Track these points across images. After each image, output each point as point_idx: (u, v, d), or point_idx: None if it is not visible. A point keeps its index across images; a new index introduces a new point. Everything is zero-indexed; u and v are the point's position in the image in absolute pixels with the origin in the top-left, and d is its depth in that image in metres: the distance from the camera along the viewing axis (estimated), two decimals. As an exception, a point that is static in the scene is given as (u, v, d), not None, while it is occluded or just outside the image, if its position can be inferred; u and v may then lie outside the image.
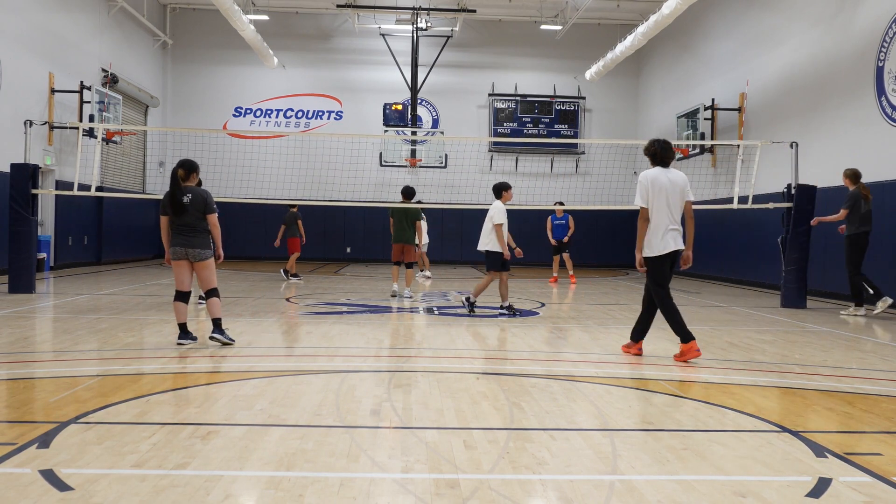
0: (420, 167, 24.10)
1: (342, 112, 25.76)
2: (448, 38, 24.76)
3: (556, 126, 25.53)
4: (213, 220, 7.41)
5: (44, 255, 16.48)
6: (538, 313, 11.00)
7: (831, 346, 8.25)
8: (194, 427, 4.40)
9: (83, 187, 14.22)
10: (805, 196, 12.41)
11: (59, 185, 17.56)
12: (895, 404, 5.47)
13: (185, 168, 7.45)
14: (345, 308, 11.39)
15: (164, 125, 24.63)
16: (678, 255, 7.11)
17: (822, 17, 14.96)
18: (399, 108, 22.32)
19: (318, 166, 21.26)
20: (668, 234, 6.97)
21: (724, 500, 3.38)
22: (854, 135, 13.58)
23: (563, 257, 17.02)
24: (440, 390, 5.54)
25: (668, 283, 7.14)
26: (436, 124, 25.99)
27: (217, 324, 7.36)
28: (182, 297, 7.44)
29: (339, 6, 22.86)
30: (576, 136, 25.45)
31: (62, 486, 3.35)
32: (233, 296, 12.42)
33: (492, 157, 25.62)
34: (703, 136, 19.57)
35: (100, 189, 14.35)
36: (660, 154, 7.14)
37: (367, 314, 10.65)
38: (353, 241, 25.35)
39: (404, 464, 3.81)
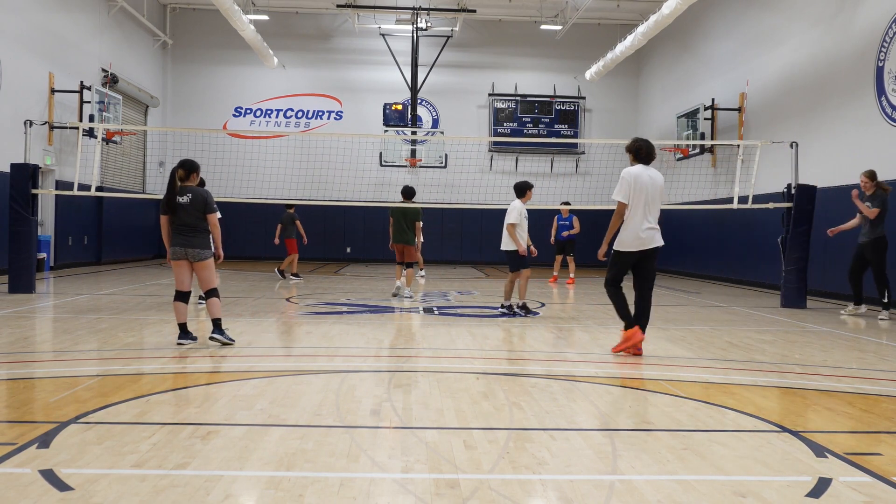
0: (420, 167, 24.10)
1: (342, 112, 25.76)
2: (448, 38, 24.76)
3: (556, 126, 25.52)
4: (212, 220, 7.41)
5: (44, 255, 16.49)
6: (538, 313, 11.00)
7: (831, 346, 8.25)
8: (194, 427, 4.40)
9: (83, 187, 14.22)
10: (805, 196, 12.41)
11: (59, 185, 17.56)
12: (895, 404, 5.47)
13: (186, 168, 7.45)
14: (345, 308, 11.38)
15: (164, 125, 24.63)
16: (656, 253, 7.22)
17: (822, 17, 14.96)
18: (399, 108, 22.32)
19: (318, 166, 21.25)
20: (644, 232, 7.09)
21: (724, 500, 3.38)
22: (854, 135, 13.58)
23: (566, 259, 17.02)
24: (440, 390, 5.54)
25: (623, 274, 7.34)
26: (436, 124, 25.99)
27: (217, 324, 7.36)
28: (182, 297, 7.44)
29: (339, 6, 22.86)
30: (576, 136, 25.44)
31: (62, 486, 3.35)
32: (233, 296, 12.42)
33: (492, 157, 25.62)
34: (703, 136, 19.57)
35: (100, 189, 14.35)
36: (644, 151, 7.24)
37: (367, 314, 10.65)
38: (353, 241, 25.35)
39: (404, 464, 3.81)
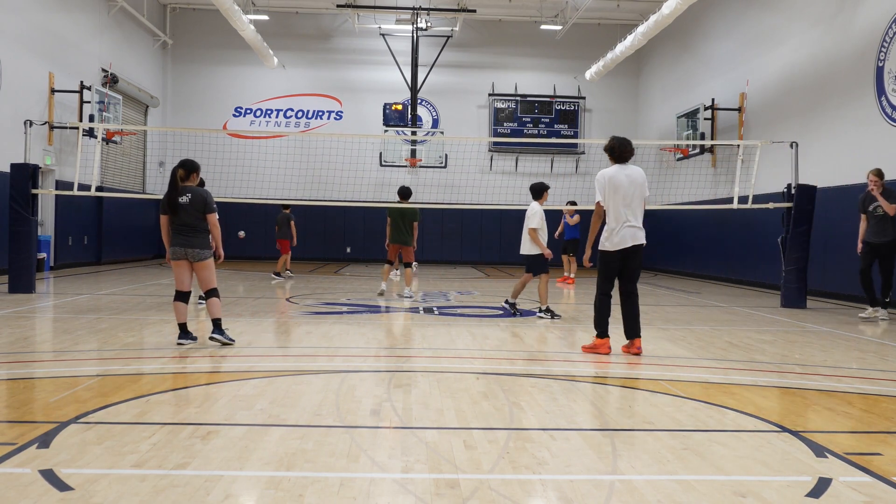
0: (420, 167, 24.10)
1: (342, 112, 25.76)
2: (448, 38, 24.76)
3: (556, 126, 25.53)
4: (212, 219, 7.40)
5: (44, 255, 16.49)
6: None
7: (831, 346, 8.25)
8: (194, 427, 4.40)
9: (83, 187, 14.22)
10: (805, 196, 12.41)
11: (59, 185, 17.56)
12: (895, 404, 5.47)
13: (186, 168, 7.45)
14: (345, 308, 11.38)
15: (164, 125, 24.63)
16: (640, 251, 7.26)
17: (822, 17, 14.96)
18: (399, 108, 22.32)
19: (318, 166, 21.26)
20: (625, 230, 7.16)
21: (724, 500, 3.38)
22: (854, 135, 13.58)
23: (569, 259, 17.03)
24: (440, 390, 5.54)
25: (614, 278, 7.35)
26: (436, 124, 25.99)
27: (217, 324, 7.36)
28: (182, 297, 7.43)
29: (339, 6, 22.86)
30: (576, 136, 25.44)
31: (62, 486, 3.35)
32: (233, 296, 12.42)
33: (492, 157, 25.62)
34: (703, 136, 19.56)
35: (100, 189, 14.35)
36: (618, 150, 7.33)
37: (367, 314, 10.64)
38: (353, 241, 25.35)
39: (404, 464, 3.81)
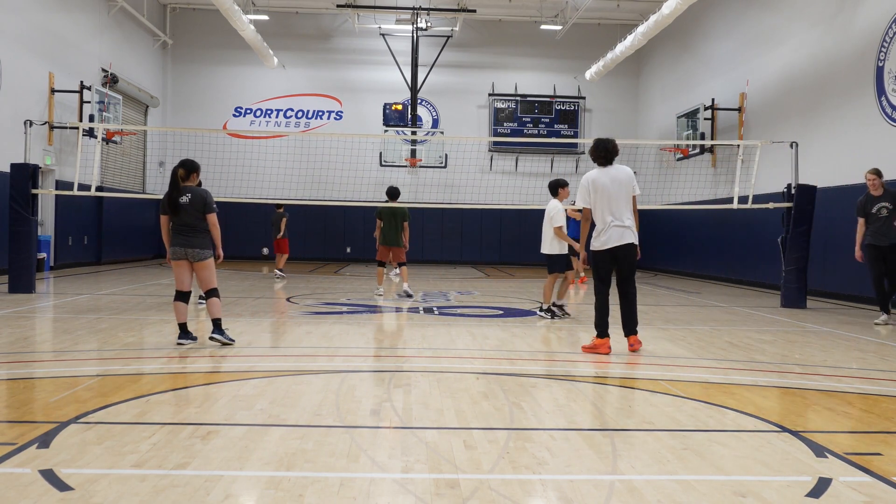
0: (420, 167, 24.10)
1: (342, 112, 25.76)
2: (448, 38, 24.76)
3: (556, 126, 25.53)
4: (212, 219, 7.40)
5: (44, 255, 16.49)
6: (537, 314, 10.98)
7: (831, 346, 8.25)
8: (194, 427, 4.40)
9: (83, 187, 14.22)
10: (805, 196, 12.41)
11: (59, 185, 17.56)
12: (895, 404, 5.47)
13: (186, 168, 7.45)
14: (345, 308, 11.38)
15: (164, 125, 24.62)
16: (631, 251, 7.32)
17: (822, 17, 14.96)
18: (399, 108, 22.32)
19: (318, 166, 21.27)
20: (611, 230, 7.26)
21: (724, 500, 3.38)
22: (854, 135, 13.58)
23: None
24: (440, 390, 5.54)
25: (609, 278, 7.44)
26: (436, 124, 25.99)
27: (217, 324, 7.36)
28: (182, 297, 7.44)
29: (339, 6, 22.86)
30: (576, 136, 25.44)
31: (62, 486, 3.35)
32: (233, 296, 12.42)
33: (492, 157, 25.63)
34: (703, 136, 19.56)
35: (100, 189, 14.35)
36: (596, 153, 7.40)
37: (367, 314, 10.65)
38: (353, 241, 25.34)
39: (404, 464, 3.81)
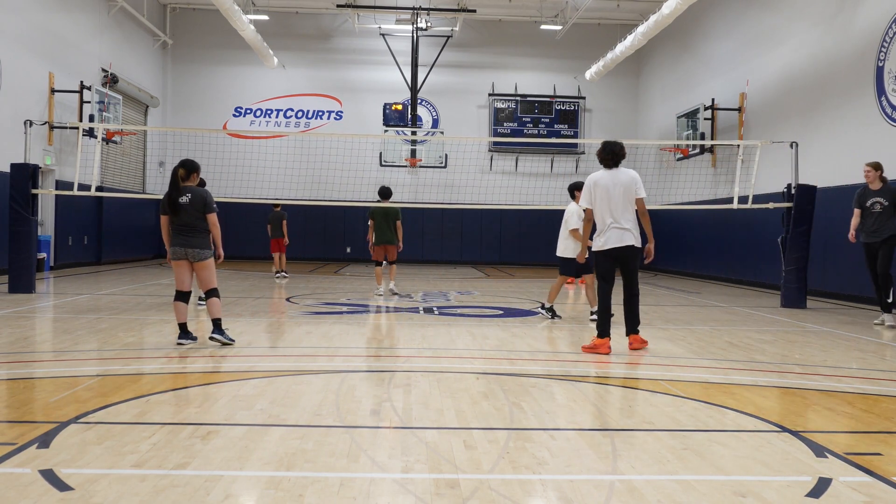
0: (420, 167, 24.10)
1: (342, 112, 25.76)
2: (448, 38, 24.76)
3: (556, 126, 25.52)
4: (212, 219, 7.40)
5: (44, 255, 16.49)
6: (538, 313, 10.99)
7: (831, 346, 8.25)
8: (194, 427, 4.40)
9: (83, 187, 14.22)
10: (805, 196, 12.41)
11: (59, 185, 17.56)
12: (895, 404, 5.47)
13: (186, 168, 7.45)
14: (345, 308, 11.38)
15: (164, 125, 24.63)
16: (631, 253, 7.39)
17: (822, 17, 14.96)
18: (399, 108, 22.32)
19: (318, 166, 21.26)
20: (610, 231, 7.35)
21: (724, 500, 3.38)
22: (854, 135, 13.58)
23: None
24: (440, 390, 5.54)
25: (610, 278, 7.51)
26: (436, 124, 25.99)
27: (217, 324, 7.36)
28: (182, 296, 7.44)
29: (339, 6, 22.86)
30: (576, 136, 25.44)
31: (62, 486, 3.35)
32: (233, 296, 12.42)
33: (492, 157, 25.63)
34: (703, 136, 19.56)
35: (100, 189, 14.35)
36: (601, 156, 7.55)
37: (366, 314, 10.65)
38: (353, 241, 25.33)
39: (404, 464, 3.81)
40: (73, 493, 3.28)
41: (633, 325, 7.57)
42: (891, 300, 10.05)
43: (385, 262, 13.28)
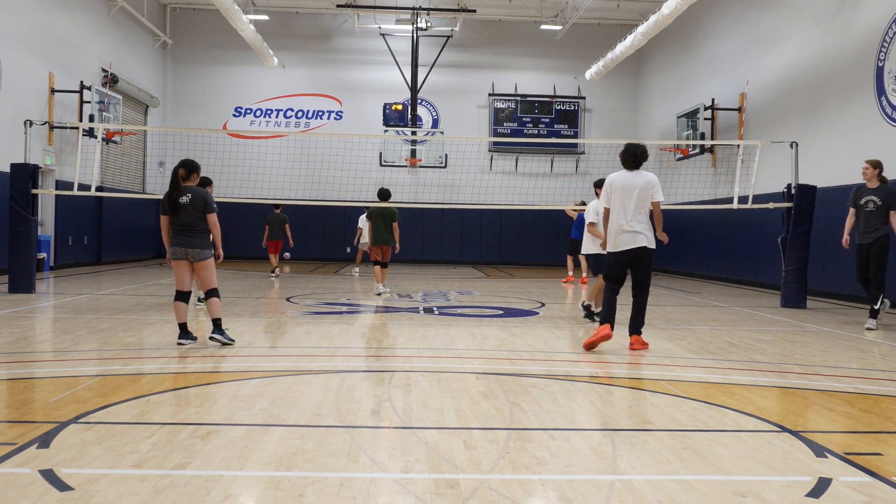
0: (420, 167, 24.10)
1: (342, 112, 25.76)
2: (448, 38, 24.76)
3: (556, 126, 25.52)
4: (212, 219, 7.40)
5: (44, 255, 16.48)
6: (538, 313, 11.00)
7: (831, 346, 8.25)
8: (194, 427, 4.40)
9: (83, 187, 14.22)
10: (805, 196, 12.42)
11: (59, 185, 17.56)
12: (895, 404, 5.47)
13: (187, 168, 7.45)
14: (345, 308, 11.39)
15: (164, 125, 24.62)
16: (644, 254, 7.43)
17: (822, 17, 14.96)
18: (399, 108, 22.31)
19: (318, 166, 21.26)
20: (623, 234, 7.46)
21: (724, 500, 3.38)
22: (854, 135, 13.58)
23: (578, 258, 17.01)
24: (440, 390, 5.54)
25: (619, 280, 7.60)
26: (436, 124, 25.99)
27: (217, 324, 7.36)
28: (182, 296, 7.44)
29: (339, 6, 22.86)
30: (576, 136, 25.44)
31: (62, 486, 3.35)
32: (233, 296, 12.42)
33: (492, 157, 25.62)
34: (703, 136, 19.56)
35: (100, 189, 14.35)
36: (623, 157, 7.64)
37: (366, 314, 10.65)
38: (353, 241, 25.32)
39: (404, 464, 3.81)
40: (73, 493, 3.28)
41: (636, 324, 7.59)
42: (878, 307, 9.67)
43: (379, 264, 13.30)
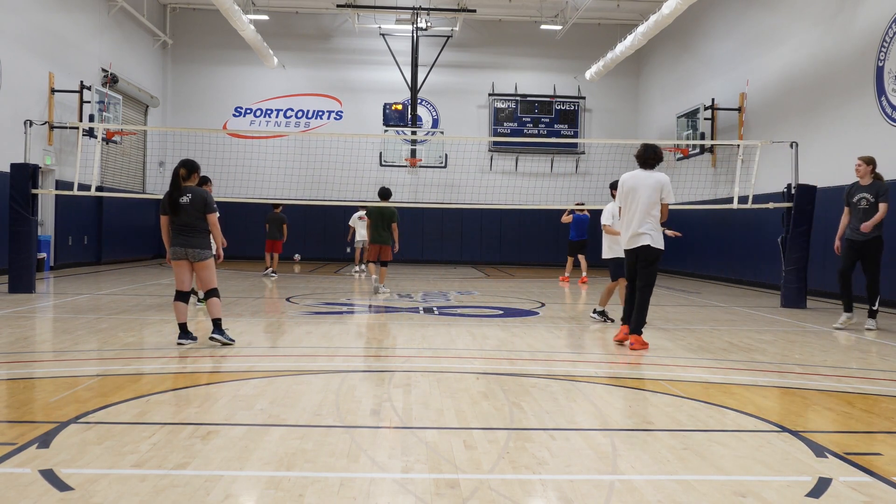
0: (420, 167, 24.09)
1: (342, 112, 25.76)
2: (448, 38, 24.75)
3: (556, 126, 25.52)
4: (213, 220, 7.41)
5: (44, 255, 16.48)
6: (538, 313, 11.00)
7: (831, 346, 8.25)
8: (194, 427, 4.40)
9: (83, 187, 14.22)
10: (805, 196, 12.42)
11: (59, 185, 17.55)
12: (895, 404, 5.47)
13: (187, 168, 7.45)
14: (345, 308, 11.39)
15: (164, 125, 24.62)
16: (645, 251, 7.56)
17: (822, 17, 14.96)
18: (399, 107, 22.31)
19: (318, 166, 21.26)
20: (630, 232, 7.64)
21: (724, 500, 3.38)
22: (854, 135, 13.58)
23: (577, 259, 17.02)
24: (440, 390, 5.54)
25: (632, 276, 7.79)
26: (436, 124, 25.99)
27: (217, 324, 7.36)
28: (182, 296, 7.44)
29: (339, 6, 22.85)
30: (576, 136, 25.44)
31: (62, 486, 3.35)
32: (233, 296, 12.42)
33: (492, 157, 25.62)
34: (703, 136, 19.56)
35: (100, 189, 14.35)
36: (638, 156, 7.88)
37: (367, 314, 10.65)
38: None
39: (404, 464, 3.81)
40: (73, 493, 3.28)
41: (636, 323, 7.64)
42: (875, 308, 9.61)
43: (378, 263, 13.31)
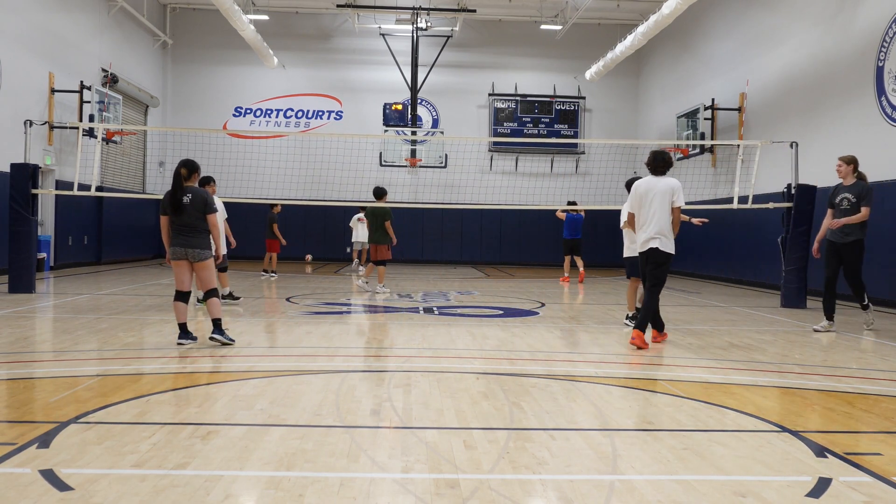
0: (420, 167, 24.09)
1: (342, 112, 25.76)
2: (448, 38, 24.75)
3: (556, 126, 25.52)
4: (212, 220, 7.41)
5: (44, 255, 16.48)
6: (538, 313, 10.99)
7: (831, 346, 8.25)
8: (194, 427, 4.40)
9: (83, 187, 14.22)
10: (805, 196, 12.42)
11: (59, 185, 17.55)
12: (895, 404, 5.47)
13: (188, 168, 7.46)
14: (345, 308, 11.38)
15: (164, 125, 24.62)
16: (654, 254, 7.64)
17: (822, 17, 14.96)
18: (399, 107, 22.31)
19: (318, 166, 21.26)
20: (640, 236, 7.75)
21: (724, 500, 3.38)
22: (854, 135, 13.58)
23: (574, 259, 17.04)
24: (440, 390, 5.54)
25: (643, 277, 7.95)
26: (436, 124, 25.99)
27: (217, 324, 7.36)
28: (182, 297, 7.44)
29: (339, 6, 22.85)
30: (576, 136, 25.44)
31: (62, 486, 3.35)
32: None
33: (492, 157, 25.62)
34: (703, 136, 19.56)
35: (100, 189, 14.34)
36: (649, 164, 7.86)
37: (367, 314, 10.64)
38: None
39: (404, 464, 3.81)
40: (73, 493, 3.28)
41: (640, 320, 7.77)
42: (866, 302, 9.52)
43: (372, 263, 13.42)
